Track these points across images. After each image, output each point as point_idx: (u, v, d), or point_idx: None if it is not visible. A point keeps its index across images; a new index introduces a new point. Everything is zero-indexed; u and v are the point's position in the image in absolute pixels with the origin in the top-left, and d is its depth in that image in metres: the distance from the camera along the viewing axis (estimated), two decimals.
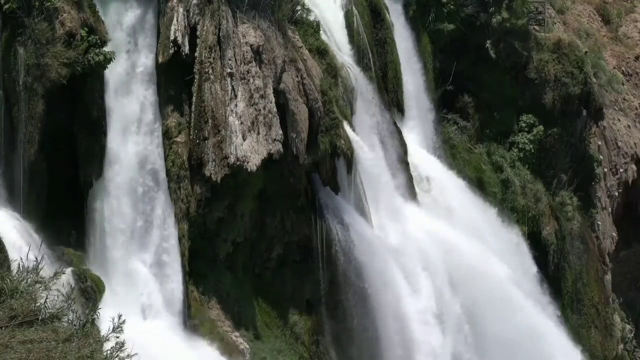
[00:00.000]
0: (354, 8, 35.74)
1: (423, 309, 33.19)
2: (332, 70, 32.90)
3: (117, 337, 11.37)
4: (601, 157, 45.38)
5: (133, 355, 11.84)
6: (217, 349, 28.11)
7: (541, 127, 42.15)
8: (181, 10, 28.22)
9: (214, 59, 28.39)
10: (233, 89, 28.60)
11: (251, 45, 29.09)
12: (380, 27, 37.25)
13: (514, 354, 36.05)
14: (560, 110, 42.76)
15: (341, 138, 31.46)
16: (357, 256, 31.63)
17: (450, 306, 34.45)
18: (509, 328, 36.04)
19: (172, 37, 27.93)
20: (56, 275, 11.73)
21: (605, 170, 46.02)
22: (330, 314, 32.02)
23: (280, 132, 29.11)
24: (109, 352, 11.20)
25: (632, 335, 47.73)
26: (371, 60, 35.90)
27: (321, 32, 33.51)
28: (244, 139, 28.36)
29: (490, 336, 35.21)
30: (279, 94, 29.52)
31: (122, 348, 11.00)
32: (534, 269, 39.80)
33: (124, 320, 11.32)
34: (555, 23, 45.81)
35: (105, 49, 25.88)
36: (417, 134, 38.56)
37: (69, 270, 24.42)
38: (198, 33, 28.38)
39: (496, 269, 36.64)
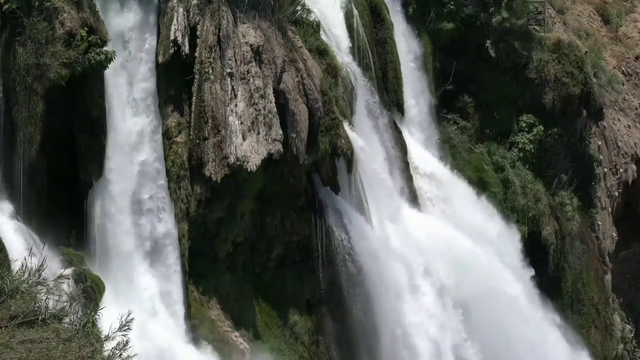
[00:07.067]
0: (354, 8, 35.71)
1: (423, 309, 33.17)
2: (332, 70, 32.88)
3: (124, 336, 11.31)
4: (601, 157, 45.37)
5: (133, 356, 11.82)
6: (217, 349, 28.07)
7: (541, 127, 42.15)
8: (181, 10, 28.19)
9: (214, 59, 28.37)
10: (233, 89, 28.57)
11: (251, 45, 29.06)
12: (380, 27, 37.24)
13: (513, 354, 36.05)
14: (560, 110, 42.74)
15: (341, 138, 31.43)
16: (357, 256, 31.60)
17: (451, 306, 34.42)
18: (509, 328, 36.05)
19: (172, 37, 27.91)
20: (59, 278, 11.69)
21: (605, 170, 46.02)
22: (330, 314, 31.99)
23: (280, 132, 29.08)
24: (110, 351, 11.17)
25: (632, 335, 47.73)
26: (371, 60, 35.88)
27: (321, 32, 33.49)
28: (244, 139, 28.34)
29: (490, 336, 35.19)
30: (279, 94, 29.48)
31: (127, 346, 10.95)
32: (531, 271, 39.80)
33: (132, 319, 11.26)
34: (555, 23, 45.80)
35: (106, 48, 25.83)
36: (417, 134, 38.56)
37: (69, 270, 24.38)
38: (198, 33, 28.35)
39: (497, 269, 36.64)
